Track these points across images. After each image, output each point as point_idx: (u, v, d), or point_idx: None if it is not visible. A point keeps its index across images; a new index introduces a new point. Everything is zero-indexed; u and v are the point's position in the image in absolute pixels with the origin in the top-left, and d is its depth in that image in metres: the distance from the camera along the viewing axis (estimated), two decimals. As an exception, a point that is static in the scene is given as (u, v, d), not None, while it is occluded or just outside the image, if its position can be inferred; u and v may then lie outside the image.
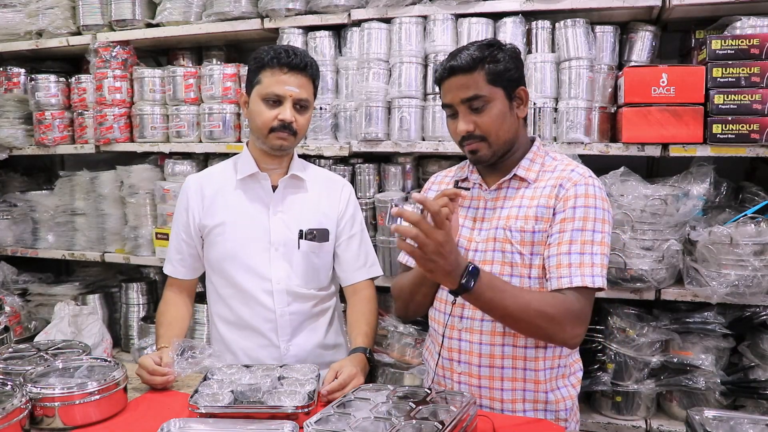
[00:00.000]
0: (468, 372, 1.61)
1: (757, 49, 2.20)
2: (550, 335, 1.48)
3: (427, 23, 2.60)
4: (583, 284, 1.47)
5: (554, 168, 1.63)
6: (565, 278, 1.48)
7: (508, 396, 1.59)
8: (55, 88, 3.26)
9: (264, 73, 1.81)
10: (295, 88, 1.80)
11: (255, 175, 1.90)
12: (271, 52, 1.81)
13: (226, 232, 1.89)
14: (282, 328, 1.88)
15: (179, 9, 2.95)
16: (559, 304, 1.46)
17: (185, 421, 1.38)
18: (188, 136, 3.01)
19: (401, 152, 2.68)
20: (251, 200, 1.90)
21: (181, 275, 2.00)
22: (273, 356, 1.88)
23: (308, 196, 1.94)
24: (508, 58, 1.57)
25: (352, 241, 1.99)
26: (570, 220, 1.52)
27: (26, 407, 1.36)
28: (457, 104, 1.56)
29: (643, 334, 2.34)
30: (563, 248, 1.50)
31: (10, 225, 3.43)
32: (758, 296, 2.19)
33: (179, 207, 1.97)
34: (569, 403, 1.62)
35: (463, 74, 1.54)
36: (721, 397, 2.32)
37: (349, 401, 1.41)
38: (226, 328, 1.93)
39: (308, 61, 1.83)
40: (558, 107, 2.48)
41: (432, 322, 1.74)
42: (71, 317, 2.78)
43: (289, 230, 1.89)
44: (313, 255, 1.92)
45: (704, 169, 2.40)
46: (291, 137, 1.83)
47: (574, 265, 1.48)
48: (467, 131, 1.56)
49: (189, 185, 1.97)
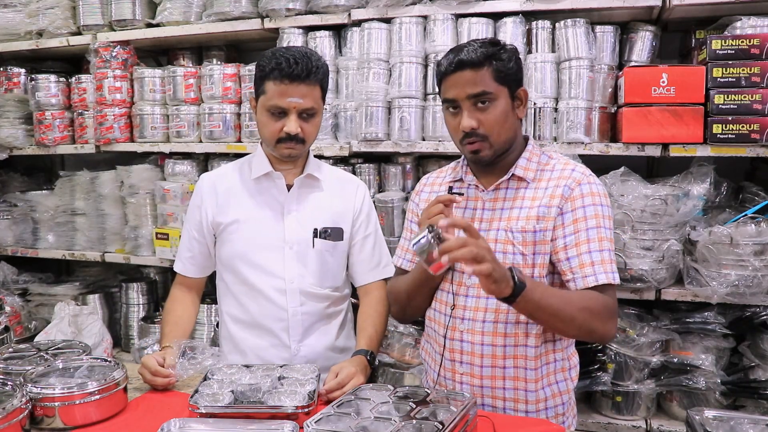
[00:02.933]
0: (470, 372, 1.61)
1: (757, 49, 2.20)
2: (591, 330, 1.50)
3: (427, 23, 2.60)
4: (608, 281, 1.50)
5: (553, 167, 1.63)
6: (590, 277, 1.50)
7: (510, 395, 1.59)
8: (56, 88, 3.27)
9: (267, 83, 1.75)
10: (298, 98, 1.73)
11: (269, 174, 1.88)
12: (273, 61, 1.73)
13: (240, 230, 1.88)
14: (293, 328, 1.87)
15: (179, 9, 2.96)
16: (595, 300, 1.48)
17: (185, 421, 1.38)
18: (188, 136, 3.01)
19: (401, 152, 2.68)
20: (266, 199, 1.89)
21: (190, 273, 1.99)
22: (283, 357, 1.87)
23: (323, 195, 1.93)
24: (512, 57, 1.57)
25: (367, 241, 1.98)
26: (582, 219, 1.54)
27: (26, 407, 1.36)
28: (462, 99, 1.54)
29: (643, 334, 2.34)
30: (583, 248, 1.52)
31: (11, 225, 3.44)
32: (758, 296, 2.19)
33: (192, 205, 1.97)
34: (566, 397, 1.63)
35: (471, 69, 1.52)
36: (722, 397, 2.32)
37: (349, 401, 1.41)
38: (237, 327, 1.92)
39: (312, 68, 1.74)
40: (558, 107, 2.48)
41: (431, 323, 1.73)
42: (71, 317, 2.79)
43: (303, 229, 1.88)
44: (327, 254, 1.90)
45: (704, 169, 2.40)
46: (299, 146, 1.80)
47: (596, 263, 1.51)
48: (471, 127, 1.54)
49: (203, 183, 1.96)
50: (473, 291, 1.60)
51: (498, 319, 1.57)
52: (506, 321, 1.57)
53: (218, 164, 2.88)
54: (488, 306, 1.58)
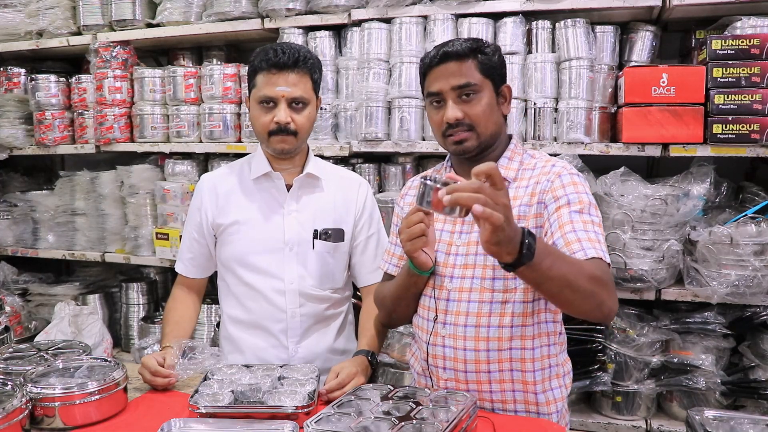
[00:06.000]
0: (454, 378, 1.58)
1: (757, 49, 2.20)
2: (600, 302, 1.36)
3: (427, 23, 2.60)
4: (597, 255, 1.40)
5: (534, 166, 1.60)
6: (579, 252, 1.40)
7: (498, 397, 1.56)
8: (56, 88, 3.26)
9: (258, 76, 1.77)
10: (286, 87, 1.74)
11: (269, 175, 1.88)
12: (261, 53, 1.76)
13: (240, 231, 1.87)
14: (292, 329, 1.87)
15: (179, 9, 2.96)
16: (602, 269, 1.37)
17: (185, 421, 1.38)
18: (188, 136, 3.01)
19: (401, 152, 2.68)
20: (265, 199, 1.89)
21: (191, 274, 1.99)
22: (281, 357, 1.86)
23: (324, 196, 1.92)
24: (496, 53, 1.57)
25: (370, 241, 1.97)
26: (566, 205, 1.48)
27: (26, 407, 1.37)
28: (446, 92, 1.54)
29: (643, 334, 2.34)
30: (567, 228, 1.44)
31: (11, 225, 3.44)
32: (758, 296, 2.19)
33: (193, 206, 1.97)
34: (560, 405, 1.60)
35: (456, 60, 1.52)
36: (722, 397, 2.32)
37: (349, 401, 1.41)
38: (236, 327, 1.92)
39: (300, 57, 1.75)
40: (558, 107, 2.48)
41: (416, 330, 1.70)
42: (71, 317, 2.79)
43: (303, 230, 1.87)
44: (327, 255, 1.89)
45: (704, 169, 2.40)
46: (291, 138, 1.78)
47: (583, 240, 1.42)
48: (456, 118, 1.52)
49: (203, 185, 1.96)
50: (455, 295, 1.57)
51: (480, 323, 1.53)
52: (488, 325, 1.53)
53: (218, 164, 2.88)
54: (470, 310, 1.54)
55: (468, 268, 1.56)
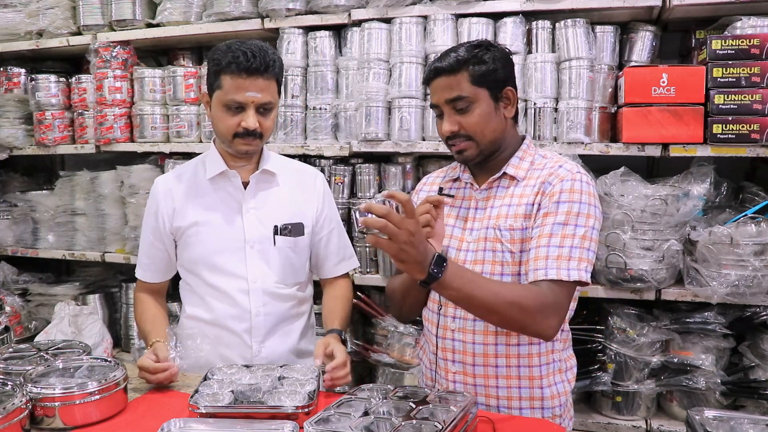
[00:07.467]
0: (463, 371, 1.61)
1: (757, 49, 2.20)
2: (523, 326, 1.47)
3: (427, 23, 2.60)
4: (558, 277, 1.45)
5: (543, 166, 1.62)
6: (541, 270, 1.47)
7: (503, 393, 1.59)
8: (56, 88, 3.26)
9: (224, 77, 1.72)
10: (256, 93, 1.72)
11: (224, 173, 1.86)
12: (230, 55, 1.70)
13: (200, 233, 1.86)
14: (256, 328, 1.85)
15: (179, 9, 2.96)
16: (531, 295, 1.44)
17: (185, 421, 1.38)
18: (188, 136, 3.01)
19: (401, 152, 2.68)
20: (222, 199, 1.87)
21: (152, 279, 1.97)
22: (245, 357, 1.85)
23: (281, 191, 1.90)
24: (495, 58, 1.56)
25: (333, 234, 1.98)
26: (552, 214, 1.51)
27: (26, 407, 1.36)
28: (442, 105, 1.58)
29: (643, 334, 2.34)
30: (542, 241, 1.49)
31: (11, 225, 3.44)
32: (758, 296, 2.19)
33: (148, 211, 1.94)
34: (564, 399, 1.63)
35: (446, 75, 1.55)
36: (722, 397, 2.32)
37: (349, 401, 1.41)
38: (199, 327, 1.89)
39: (269, 62, 1.72)
40: (558, 107, 2.48)
41: (426, 323, 1.73)
42: (71, 317, 2.78)
43: (263, 227, 1.86)
44: (289, 250, 1.89)
45: (704, 169, 2.40)
46: (257, 140, 1.78)
47: (551, 257, 1.47)
48: (451, 131, 1.57)
49: (157, 189, 1.93)
50: None
51: None
52: None
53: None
54: None
55: (477, 264, 1.59)
